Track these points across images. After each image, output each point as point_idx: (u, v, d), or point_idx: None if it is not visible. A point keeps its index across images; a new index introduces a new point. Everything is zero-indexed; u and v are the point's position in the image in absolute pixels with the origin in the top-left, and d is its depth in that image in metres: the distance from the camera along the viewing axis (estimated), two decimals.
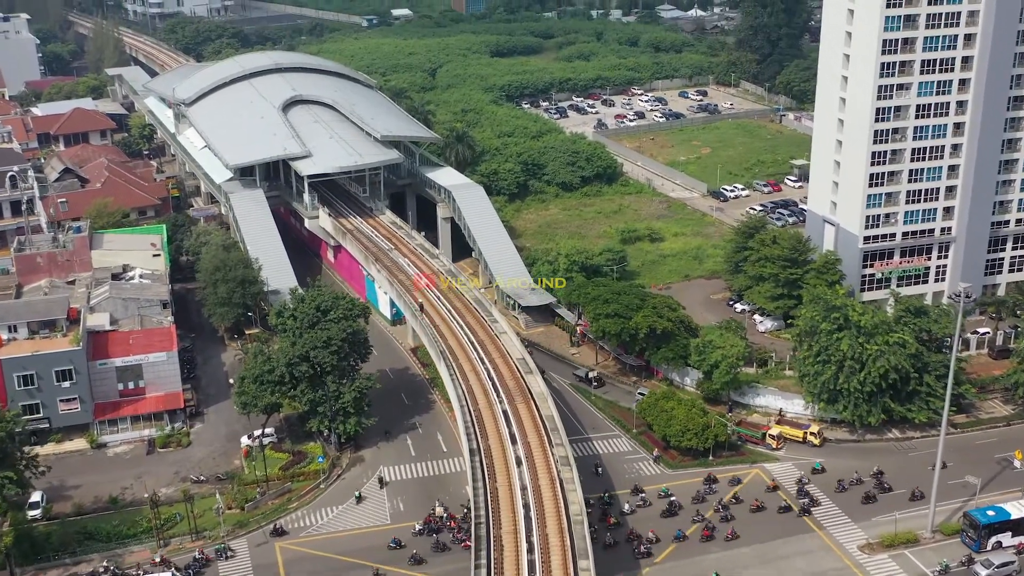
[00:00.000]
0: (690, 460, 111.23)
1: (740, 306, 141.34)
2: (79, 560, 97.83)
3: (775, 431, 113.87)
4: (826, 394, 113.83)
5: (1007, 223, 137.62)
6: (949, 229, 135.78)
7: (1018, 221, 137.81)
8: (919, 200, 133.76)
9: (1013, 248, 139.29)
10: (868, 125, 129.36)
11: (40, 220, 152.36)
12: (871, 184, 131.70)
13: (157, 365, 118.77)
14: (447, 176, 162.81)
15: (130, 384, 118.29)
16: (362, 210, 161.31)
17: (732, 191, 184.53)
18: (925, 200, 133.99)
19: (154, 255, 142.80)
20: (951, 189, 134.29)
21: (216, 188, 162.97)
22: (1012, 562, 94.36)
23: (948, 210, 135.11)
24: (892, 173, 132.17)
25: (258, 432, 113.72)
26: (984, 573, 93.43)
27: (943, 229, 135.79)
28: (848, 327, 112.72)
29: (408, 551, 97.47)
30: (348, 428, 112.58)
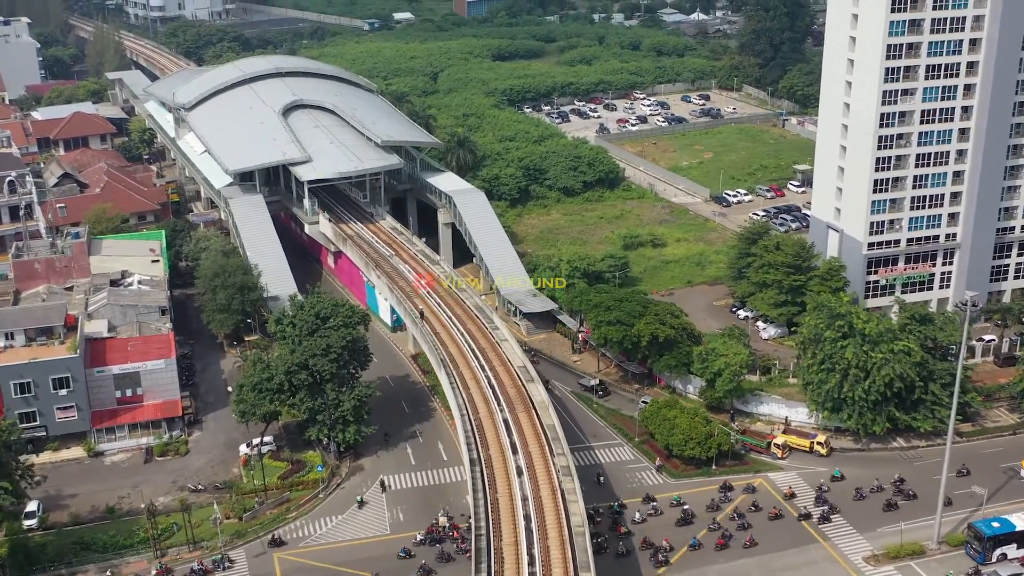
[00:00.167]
0: (693, 469, 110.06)
1: (743, 313, 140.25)
2: (75, 571, 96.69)
3: (780, 440, 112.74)
4: (830, 403, 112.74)
5: (1012, 229, 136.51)
6: (954, 235, 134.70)
7: (1023, 227, 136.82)
8: (924, 206, 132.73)
9: (1018, 254, 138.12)
10: (872, 130, 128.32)
11: (39, 225, 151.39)
12: (875, 190, 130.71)
13: (155, 372, 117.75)
14: (448, 181, 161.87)
15: (128, 392, 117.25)
16: (362, 215, 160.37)
17: (735, 196, 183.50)
18: (930, 206, 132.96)
19: (153, 261, 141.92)
20: (956, 195, 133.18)
21: (216, 193, 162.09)
22: (1019, 575, 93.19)
23: (953, 216, 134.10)
24: (896, 179, 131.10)
25: (257, 440, 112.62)
26: None
27: (948, 235, 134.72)
28: (853, 335, 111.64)
29: (417, 561, 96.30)
30: (347, 437, 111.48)
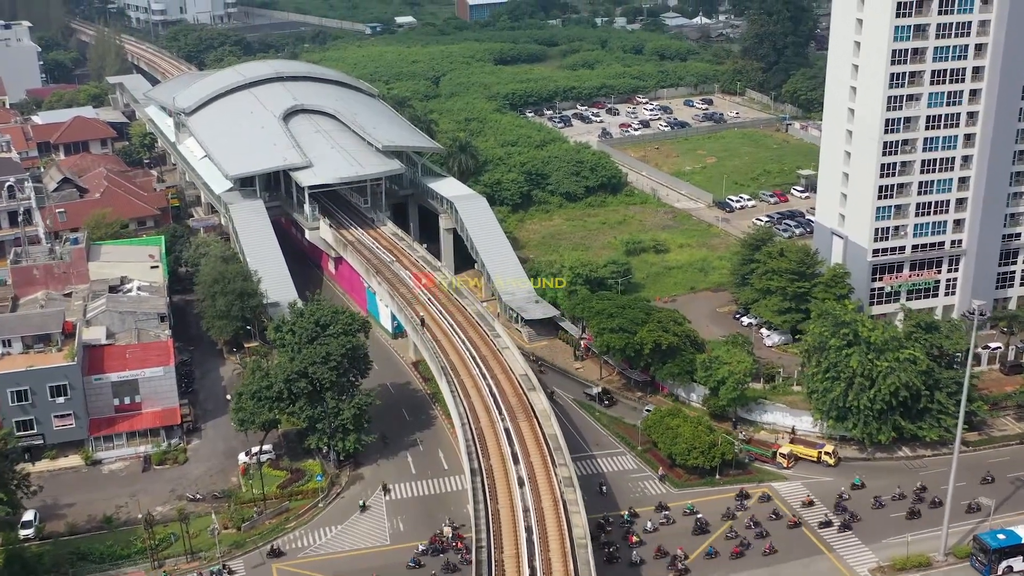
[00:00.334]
0: (696, 479, 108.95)
1: (747, 319, 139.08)
2: None
3: (786, 450, 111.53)
4: (835, 411, 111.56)
5: (1018, 236, 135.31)
6: (960, 242, 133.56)
7: None
8: (929, 213, 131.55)
9: None
10: (877, 137, 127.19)
11: (38, 231, 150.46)
12: (880, 196, 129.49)
13: (154, 380, 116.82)
14: (449, 186, 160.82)
15: (126, 399, 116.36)
16: (363, 221, 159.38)
17: (738, 201, 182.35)
18: (935, 213, 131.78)
19: (152, 267, 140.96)
20: (962, 201, 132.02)
21: (216, 198, 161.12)
22: None
23: (959, 223, 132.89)
24: (902, 185, 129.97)
25: (256, 449, 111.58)
26: None
27: (953, 242, 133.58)
28: (858, 343, 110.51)
29: (427, 571, 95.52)
30: (347, 445, 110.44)
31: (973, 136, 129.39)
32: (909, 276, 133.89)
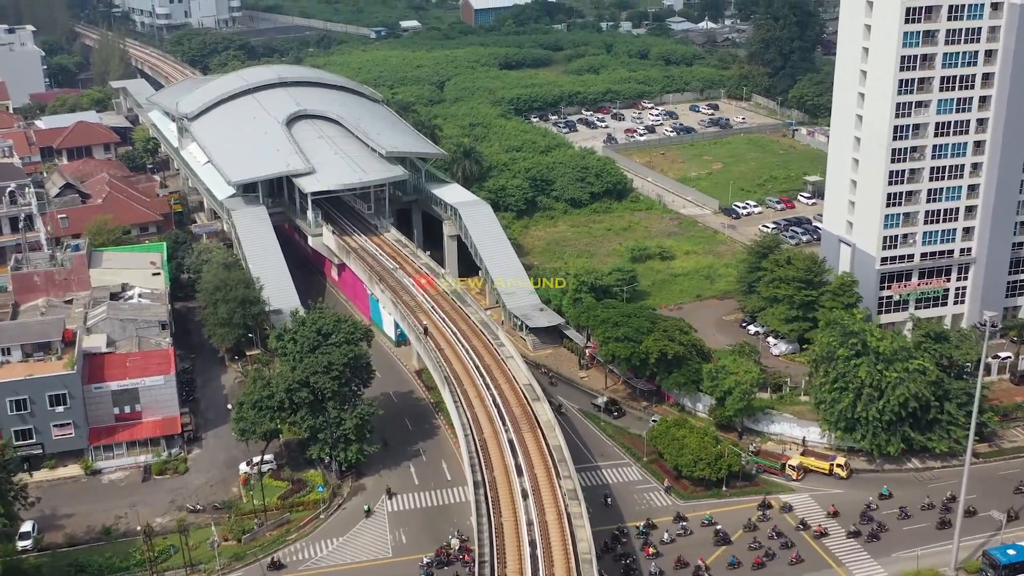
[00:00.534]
0: (702, 491, 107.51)
1: (753, 328, 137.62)
2: None
3: (795, 462, 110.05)
4: (843, 422, 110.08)
5: None
6: (969, 250, 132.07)
7: None
8: (938, 220, 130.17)
9: None
10: (886, 143, 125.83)
11: (40, 236, 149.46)
12: (888, 204, 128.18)
13: (154, 389, 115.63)
14: (453, 193, 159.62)
15: (126, 408, 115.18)
16: (367, 227, 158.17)
17: (744, 208, 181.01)
18: (944, 220, 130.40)
19: (154, 274, 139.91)
20: (971, 209, 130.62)
21: (218, 204, 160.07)
22: None
23: (968, 231, 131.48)
24: (910, 193, 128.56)
25: (257, 459, 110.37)
26: None
27: (963, 250, 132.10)
28: (866, 353, 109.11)
29: None
30: (349, 455, 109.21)
31: (983, 143, 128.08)
32: (918, 285, 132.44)
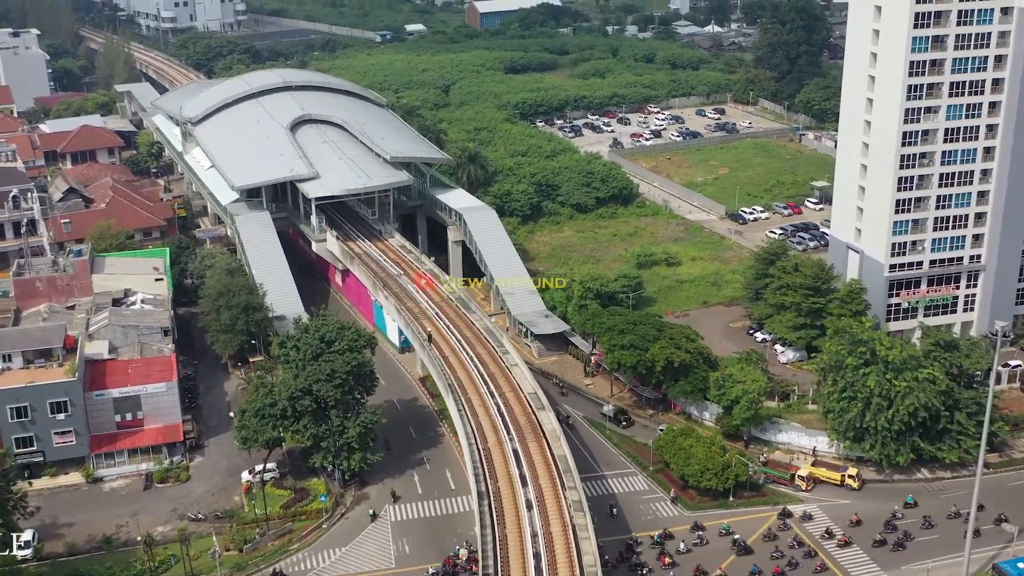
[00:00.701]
0: (709, 501, 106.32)
1: (760, 335, 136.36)
2: None
3: (804, 472, 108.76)
4: (852, 432, 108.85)
5: None
6: (979, 257, 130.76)
7: None
8: (947, 227, 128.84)
9: None
10: (894, 149, 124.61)
11: (43, 241, 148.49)
12: (897, 210, 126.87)
13: (156, 396, 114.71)
14: (458, 198, 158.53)
15: (128, 416, 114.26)
16: (371, 233, 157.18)
17: (751, 213, 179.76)
18: (953, 227, 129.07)
19: (156, 279, 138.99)
20: (980, 216, 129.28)
21: (222, 209, 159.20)
22: None
23: (977, 237, 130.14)
24: (919, 199, 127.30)
25: (259, 467, 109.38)
26: None
27: (972, 257, 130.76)
28: (875, 362, 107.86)
29: None
30: (353, 464, 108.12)
31: (992, 149, 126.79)
32: (927, 292, 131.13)
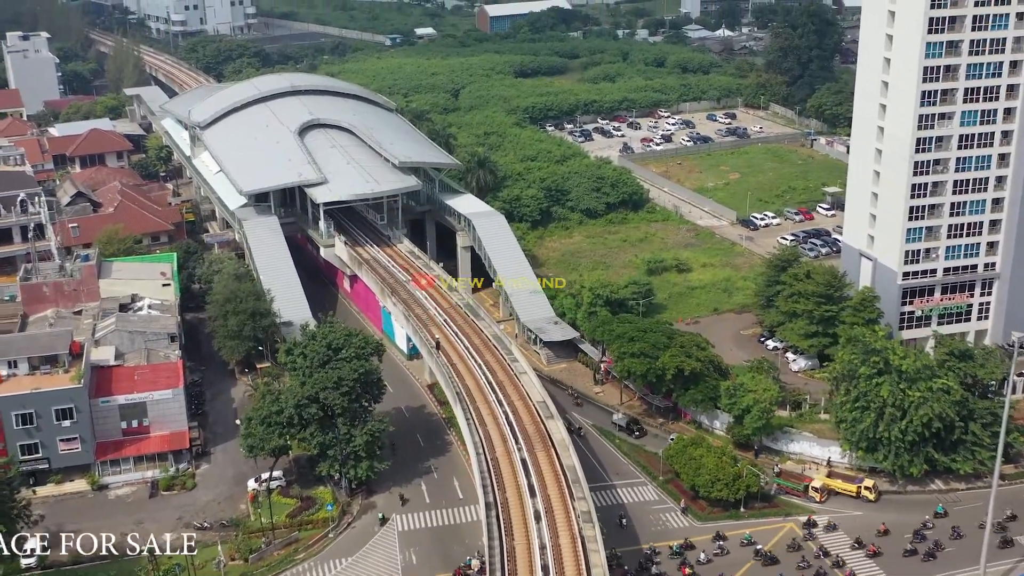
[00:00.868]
0: (720, 512, 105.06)
1: (772, 343, 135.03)
2: None
3: (818, 483, 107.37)
4: (865, 442, 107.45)
5: None
6: (993, 265, 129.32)
7: None
8: (961, 235, 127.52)
9: None
10: (908, 156, 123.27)
11: (51, 246, 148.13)
12: (911, 217, 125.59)
13: (162, 403, 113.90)
14: (467, 203, 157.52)
15: (134, 422, 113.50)
16: (379, 238, 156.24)
17: (762, 219, 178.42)
18: (968, 235, 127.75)
19: (164, 284, 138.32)
20: (995, 223, 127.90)
21: (230, 214, 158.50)
22: None
23: (992, 245, 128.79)
24: (933, 206, 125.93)
25: (265, 476, 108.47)
26: None
27: (987, 265, 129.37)
28: (888, 372, 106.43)
29: None
30: (360, 472, 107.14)
31: (1007, 156, 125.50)
32: (941, 300, 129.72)
